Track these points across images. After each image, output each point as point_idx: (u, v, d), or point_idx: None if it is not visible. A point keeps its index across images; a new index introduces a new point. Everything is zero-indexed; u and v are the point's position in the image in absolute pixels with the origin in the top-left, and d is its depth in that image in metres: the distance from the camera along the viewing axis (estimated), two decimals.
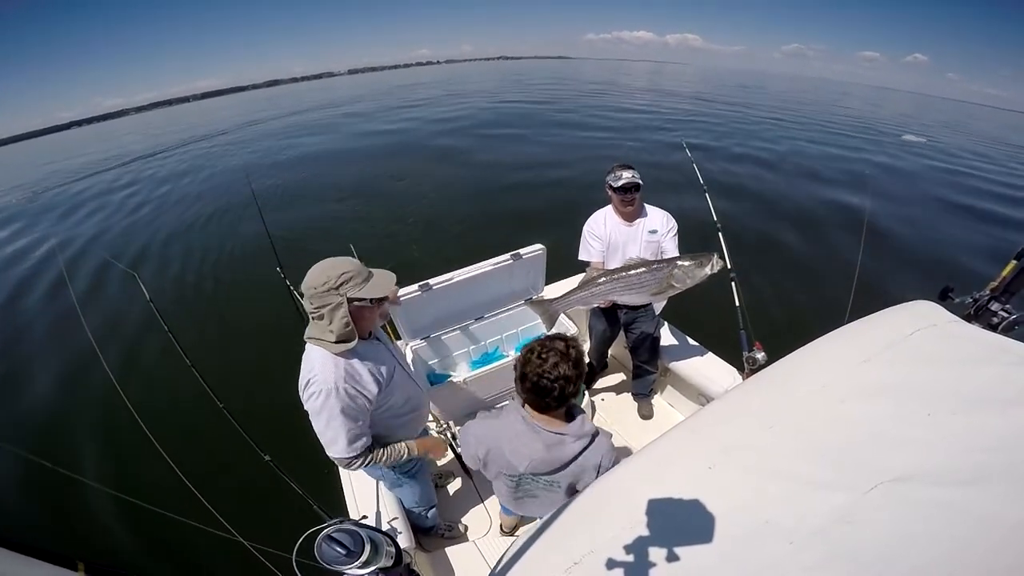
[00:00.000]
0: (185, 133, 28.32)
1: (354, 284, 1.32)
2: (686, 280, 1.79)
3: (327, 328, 1.31)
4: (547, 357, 1.21)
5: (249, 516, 2.30)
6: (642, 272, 1.88)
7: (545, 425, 1.28)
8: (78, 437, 3.85)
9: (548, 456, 1.28)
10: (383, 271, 1.44)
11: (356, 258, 1.43)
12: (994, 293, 1.52)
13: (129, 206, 11.19)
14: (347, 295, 1.31)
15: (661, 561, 0.88)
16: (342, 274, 1.30)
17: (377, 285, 1.37)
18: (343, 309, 1.30)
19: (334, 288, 1.29)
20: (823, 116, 25.81)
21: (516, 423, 1.31)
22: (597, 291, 1.97)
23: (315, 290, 1.30)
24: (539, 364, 1.21)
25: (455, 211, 8.04)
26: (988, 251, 6.80)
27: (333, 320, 1.30)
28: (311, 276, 1.32)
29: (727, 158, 11.79)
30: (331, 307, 1.30)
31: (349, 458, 1.43)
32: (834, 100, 45.28)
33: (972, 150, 18.72)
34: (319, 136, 18.19)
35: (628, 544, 0.92)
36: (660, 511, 0.97)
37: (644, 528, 0.94)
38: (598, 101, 24.86)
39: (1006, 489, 0.88)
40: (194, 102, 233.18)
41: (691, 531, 0.92)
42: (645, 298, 1.92)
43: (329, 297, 1.30)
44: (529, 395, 1.26)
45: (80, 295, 6.35)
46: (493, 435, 1.38)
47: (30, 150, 56.26)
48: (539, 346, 1.25)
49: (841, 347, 1.34)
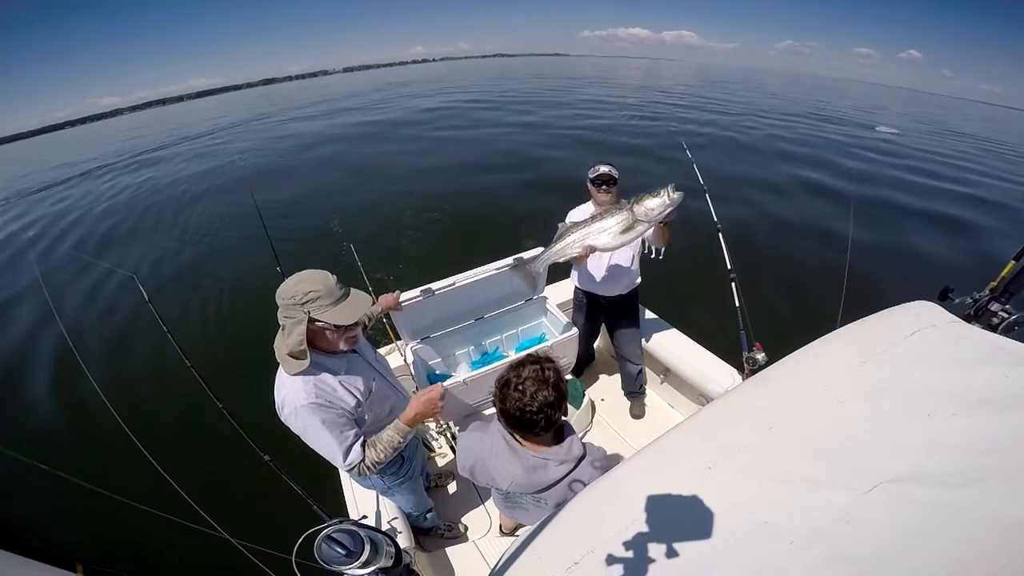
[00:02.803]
0: (179, 132, 28.54)
1: (319, 305, 1.27)
2: (649, 213, 1.78)
3: (284, 341, 1.29)
4: (524, 388, 1.15)
5: (249, 516, 2.31)
6: (605, 212, 1.90)
7: (529, 448, 1.23)
8: (75, 437, 3.85)
9: (528, 480, 1.24)
10: (360, 295, 1.37)
11: (333, 274, 1.35)
12: (993, 293, 1.52)
13: (127, 205, 11.21)
14: (309, 314, 1.27)
15: (661, 561, 0.88)
16: (309, 292, 1.26)
17: (344, 311, 1.30)
18: (301, 327, 1.27)
19: (299, 304, 1.26)
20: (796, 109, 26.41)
21: (498, 442, 1.27)
22: (571, 240, 1.97)
23: (283, 301, 1.28)
24: (518, 398, 1.15)
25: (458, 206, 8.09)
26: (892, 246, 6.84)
27: (291, 335, 1.27)
28: (284, 286, 1.29)
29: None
30: (293, 321, 1.27)
31: (356, 465, 1.40)
32: (812, 94, 45.91)
33: (940, 143, 19.15)
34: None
35: (628, 544, 0.92)
36: (660, 511, 0.97)
37: (644, 528, 0.94)
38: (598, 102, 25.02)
39: (1006, 489, 0.89)
40: (188, 101, 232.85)
41: (691, 531, 0.92)
42: (618, 238, 1.89)
43: (293, 311, 1.27)
44: (515, 429, 1.22)
45: (80, 297, 6.34)
46: (478, 449, 1.35)
47: (28, 150, 56.19)
48: (513, 376, 1.18)
49: (841, 348, 1.34)
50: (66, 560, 0.57)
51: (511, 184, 9.26)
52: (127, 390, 4.23)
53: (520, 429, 1.21)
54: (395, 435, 1.46)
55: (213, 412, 1.81)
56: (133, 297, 3.94)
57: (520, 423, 1.18)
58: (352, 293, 1.35)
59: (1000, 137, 25.60)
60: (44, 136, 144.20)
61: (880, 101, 51.02)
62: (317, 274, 1.31)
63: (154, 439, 3.29)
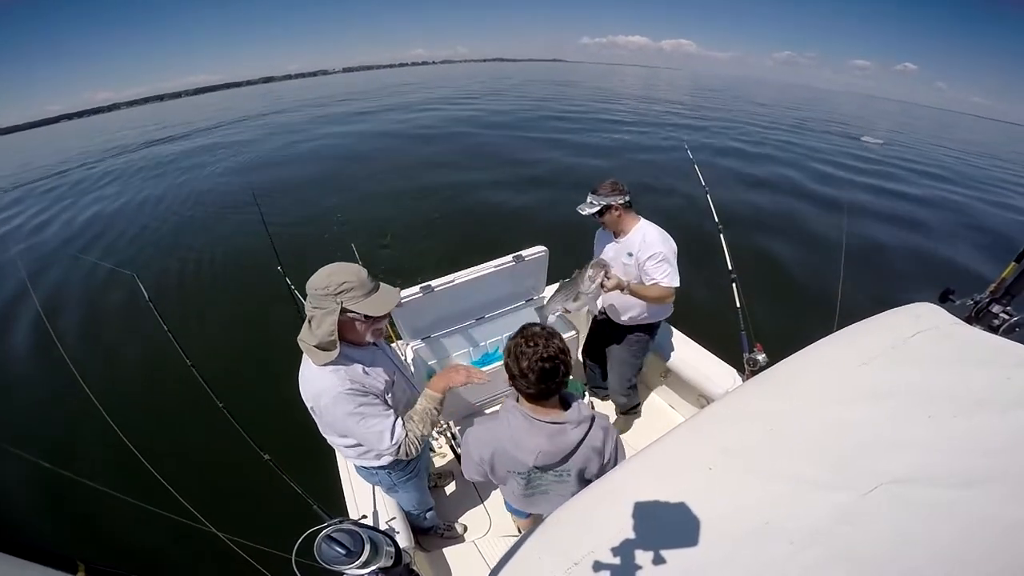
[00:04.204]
0: (173, 130, 28.42)
1: (352, 296, 1.30)
2: (586, 290, 1.90)
3: (313, 331, 1.30)
4: (536, 342, 1.22)
5: (249, 516, 2.31)
6: (573, 279, 1.99)
7: (544, 416, 1.28)
8: (69, 438, 3.84)
9: (552, 447, 1.28)
10: (389, 288, 1.42)
11: (363, 267, 1.39)
12: (994, 295, 1.52)
13: (123, 204, 11.19)
14: (342, 305, 1.29)
15: (661, 561, 0.88)
16: (343, 283, 1.28)
17: (375, 303, 1.34)
18: (333, 317, 1.28)
19: (332, 294, 1.27)
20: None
21: (515, 420, 1.31)
22: (555, 303, 2.09)
23: (315, 291, 1.29)
24: (533, 351, 1.20)
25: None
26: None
27: (321, 325, 1.28)
28: (316, 277, 1.31)
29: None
30: (324, 312, 1.28)
31: (401, 443, 1.41)
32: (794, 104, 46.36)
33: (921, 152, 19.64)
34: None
35: (628, 545, 0.92)
36: (660, 511, 0.97)
37: (644, 529, 0.94)
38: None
39: (1006, 490, 0.88)
40: (186, 97, 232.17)
41: (691, 532, 0.92)
42: (572, 305, 2.02)
43: (325, 302, 1.28)
44: (536, 386, 1.24)
45: (79, 297, 6.35)
46: (494, 436, 1.37)
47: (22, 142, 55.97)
48: (520, 340, 1.25)
49: (842, 349, 1.34)
50: (68, 560, 0.57)
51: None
52: (127, 390, 4.23)
53: (541, 383, 1.23)
54: (428, 404, 1.49)
55: (213, 412, 1.81)
56: (133, 296, 3.93)
57: (544, 374, 1.21)
58: (382, 286, 1.39)
59: (979, 149, 26.50)
60: (40, 128, 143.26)
61: (866, 113, 51.53)
62: (350, 266, 1.35)
63: (154, 439, 3.31)
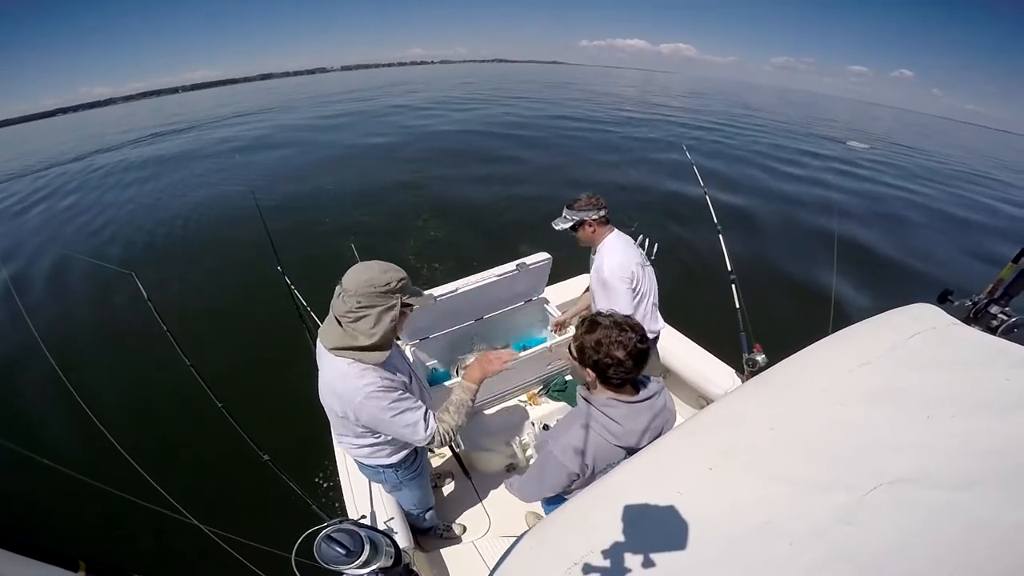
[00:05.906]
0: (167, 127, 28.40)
1: (410, 290, 1.32)
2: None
3: (367, 331, 1.25)
4: (625, 329, 1.25)
5: (249, 516, 2.30)
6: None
7: (634, 397, 1.31)
8: (66, 437, 3.83)
9: (657, 420, 1.33)
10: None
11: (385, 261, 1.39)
12: (992, 296, 1.53)
13: (123, 202, 11.17)
14: (402, 299, 1.28)
15: (660, 561, 0.88)
16: (401, 279, 1.28)
17: (423, 295, 1.38)
18: (394, 312, 1.27)
19: (394, 291, 1.26)
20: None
21: (610, 411, 1.29)
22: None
23: (374, 289, 1.24)
24: (628, 339, 1.24)
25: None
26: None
27: (381, 322, 1.25)
28: (370, 276, 1.26)
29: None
30: (382, 308, 1.26)
31: (435, 432, 1.40)
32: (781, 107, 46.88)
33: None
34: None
35: (628, 545, 0.92)
36: (659, 512, 0.97)
37: (643, 529, 0.94)
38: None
39: (1005, 492, 0.89)
40: (183, 93, 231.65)
41: (690, 532, 0.92)
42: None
43: (384, 299, 1.26)
44: (635, 370, 1.27)
45: (78, 296, 6.33)
46: (587, 438, 1.32)
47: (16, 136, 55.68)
48: (611, 331, 1.25)
49: (841, 350, 1.34)
50: (69, 558, 0.57)
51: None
52: (126, 389, 4.21)
53: (639, 365, 1.28)
54: (463, 395, 1.49)
55: (212, 412, 1.81)
56: (132, 296, 3.94)
57: (640, 356, 1.26)
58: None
59: (963, 153, 27.06)
60: (38, 122, 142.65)
61: (858, 119, 52.10)
62: (389, 264, 1.35)
63: (152, 439, 3.30)
